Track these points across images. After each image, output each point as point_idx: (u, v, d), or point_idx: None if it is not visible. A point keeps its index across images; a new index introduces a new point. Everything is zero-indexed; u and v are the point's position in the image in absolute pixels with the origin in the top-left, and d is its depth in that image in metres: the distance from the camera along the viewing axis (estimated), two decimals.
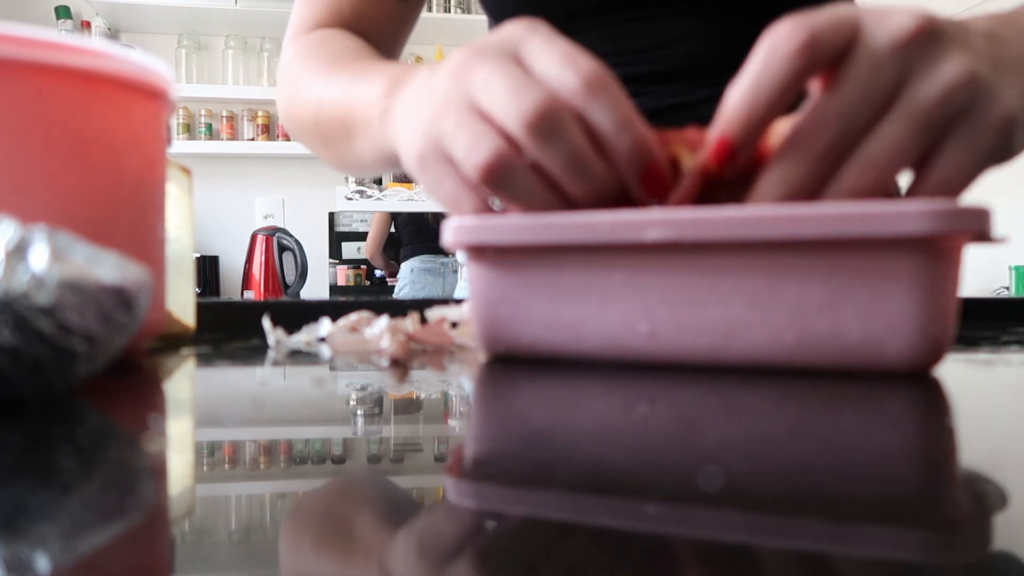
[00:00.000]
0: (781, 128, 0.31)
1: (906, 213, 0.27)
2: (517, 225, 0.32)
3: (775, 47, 0.29)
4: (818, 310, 0.30)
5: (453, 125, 0.32)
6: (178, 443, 0.23)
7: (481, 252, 0.34)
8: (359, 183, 2.59)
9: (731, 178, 0.31)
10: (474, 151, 0.31)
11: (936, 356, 0.30)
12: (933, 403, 0.27)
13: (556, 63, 0.31)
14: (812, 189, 0.30)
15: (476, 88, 0.32)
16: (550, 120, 0.30)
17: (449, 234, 0.33)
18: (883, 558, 0.13)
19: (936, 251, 0.28)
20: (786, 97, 0.29)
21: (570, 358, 0.34)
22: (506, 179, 0.31)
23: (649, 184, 0.31)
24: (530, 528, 0.15)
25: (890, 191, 0.30)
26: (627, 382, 0.30)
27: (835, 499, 0.16)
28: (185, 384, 0.34)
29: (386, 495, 0.18)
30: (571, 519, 0.15)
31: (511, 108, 0.30)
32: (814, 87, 0.31)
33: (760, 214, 0.29)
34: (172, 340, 0.45)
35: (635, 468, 0.19)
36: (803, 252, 0.29)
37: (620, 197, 0.32)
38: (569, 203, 0.32)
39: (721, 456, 0.19)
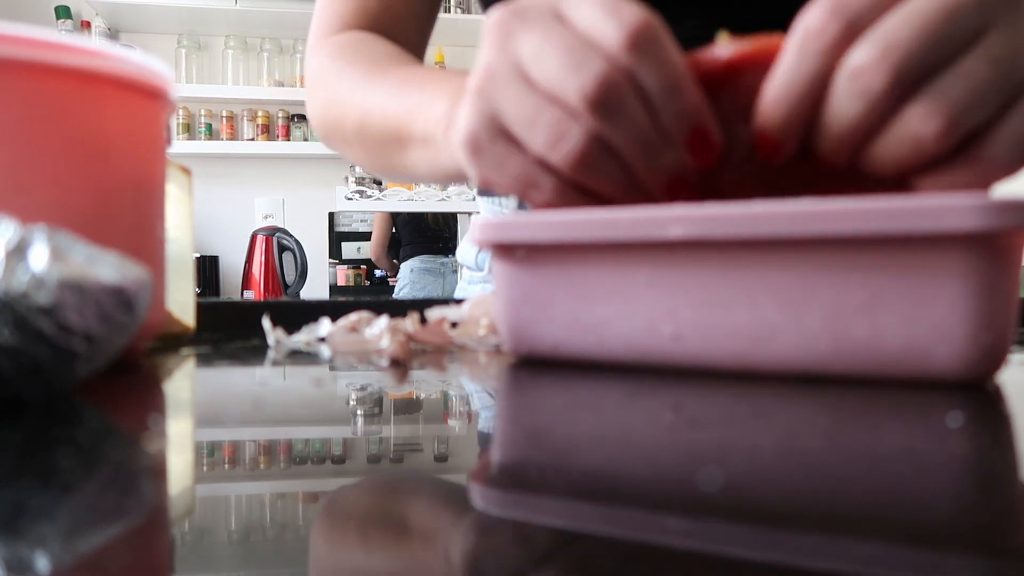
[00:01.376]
0: None
1: (956, 207, 0.25)
2: (537, 223, 0.31)
3: (808, 38, 0.28)
4: (855, 313, 0.27)
5: (509, 101, 0.31)
6: (178, 443, 0.23)
7: (505, 251, 0.33)
8: (359, 183, 2.59)
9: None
10: (540, 130, 0.30)
11: (992, 365, 0.27)
12: (987, 415, 0.25)
13: (599, 16, 0.29)
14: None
15: (525, 57, 0.30)
16: (614, 95, 0.28)
17: (477, 232, 0.32)
18: None
19: (991, 249, 0.26)
20: (824, 84, 0.28)
21: (593, 361, 0.32)
22: (588, 163, 0.29)
23: (695, 149, 0.30)
24: (552, 538, 0.15)
25: (952, 153, 0.27)
26: (651, 388, 0.29)
27: (876, 519, 0.15)
28: (185, 384, 0.34)
29: (412, 498, 0.18)
30: (591, 530, 0.15)
31: (569, 84, 0.29)
32: None
33: (792, 209, 0.27)
34: (172, 340, 0.45)
35: (658, 480, 0.18)
36: (840, 250, 0.27)
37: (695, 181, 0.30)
38: (642, 186, 0.30)
39: (751, 470, 0.19)
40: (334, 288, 2.86)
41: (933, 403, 0.25)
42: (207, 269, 2.75)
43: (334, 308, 0.50)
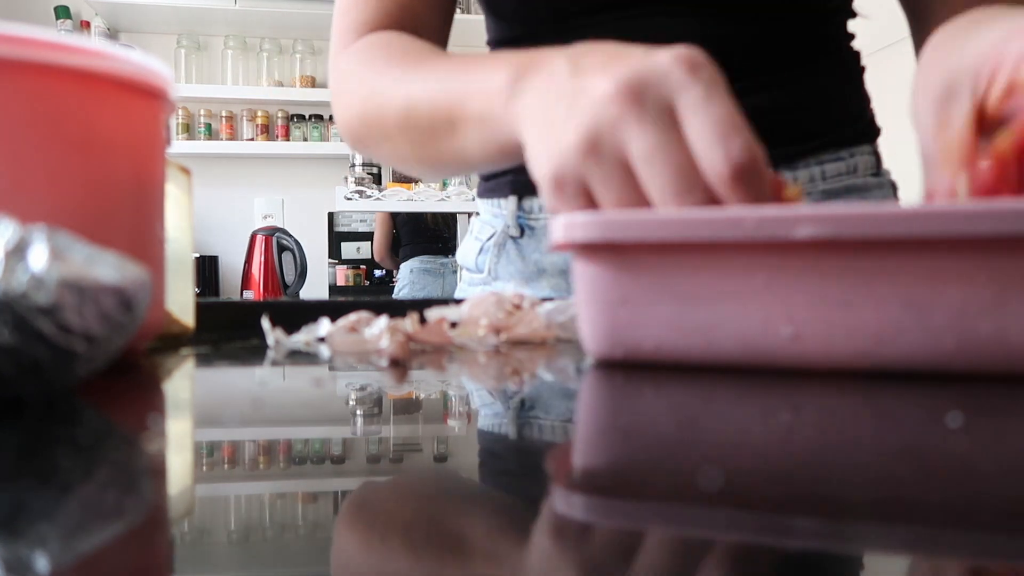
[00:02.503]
0: None
1: None
2: (648, 221, 0.30)
3: None
4: (981, 312, 0.28)
5: (604, 176, 0.34)
6: (177, 443, 0.23)
7: (596, 251, 0.32)
8: (358, 183, 2.59)
9: None
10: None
11: None
12: None
13: (711, 139, 0.32)
14: None
15: (632, 149, 0.33)
16: (694, 202, 0.32)
17: (561, 232, 0.32)
18: None
19: None
20: None
21: (700, 363, 0.32)
22: None
23: None
24: (659, 545, 0.15)
25: None
26: (764, 388, 0.28)
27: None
28: (184, 384, 0.34)
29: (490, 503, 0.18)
30: (713, 536, 0.15)
31: (669, 197, 0.32)
32: None
33: (918, 211, 0.28)
34: (171, 340, 0.45)
35: (782, 482, 0.18)
36: (963, 250, 0.28)
37: None
38: None
39: (878, 468, 0.18)
40: (333, 288, 2.87)
41: None
42: (206, 269, 2.75)
43: (334, 308, 0.50)
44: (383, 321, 0.42)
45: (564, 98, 0.36)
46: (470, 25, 2.83)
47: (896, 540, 0.14)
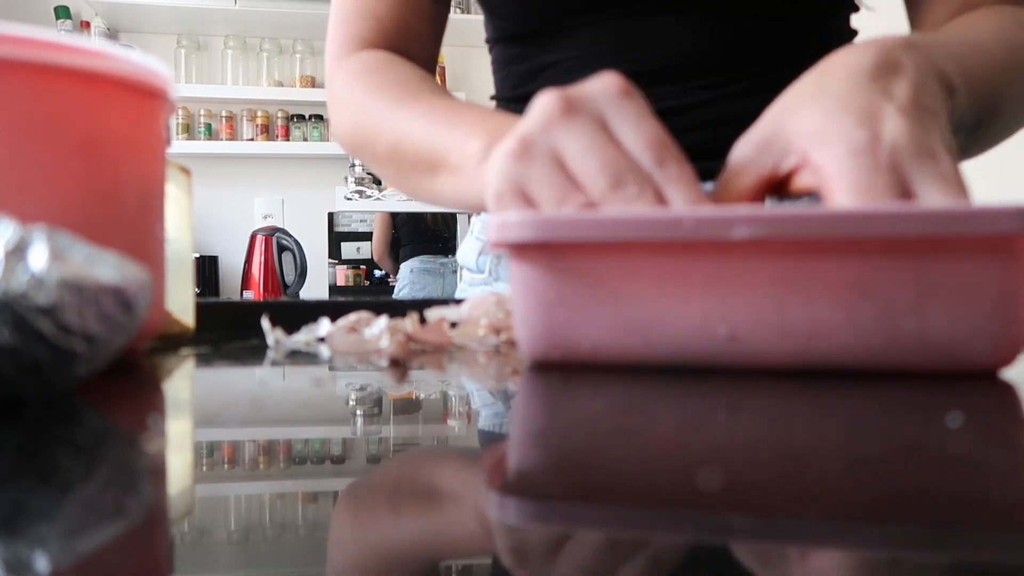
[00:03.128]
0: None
1: (998, 213, 0.27)
2: (582, 222, 0.30)
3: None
4: (906, 312, 0.29)
5: (540, 176, 0.35)
6: (177, 443, 0.23)
7: (531, 251, 0.32)
8: (358, 183, 2.59)
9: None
10: (560, 207, 0.34)
11: (1014, 355, 0.30)
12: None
13: (643, 148, 0.35)
14: None
15: (566, 150, 0.35)
16: (630, 193, 0.34)
17: (493, 232, 0.32)
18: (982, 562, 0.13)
19: (1020, 250, 0.29)
20: None
21: (637, 364, 0.32)
22: None
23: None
24: (590, 547, 0.15)
25: None
26: (701, 388, 0.29)
27: (941, 505, 0.16)
28: (184, 384, 0.34)
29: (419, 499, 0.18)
30: (644, 536, 0.15)
31: (603, 188, 0.34)
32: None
33: (850, 212, 0.29)
34: (171, 340, 0.45)
35: (716, 481, 0.18)
36: (893, 251, 0.29)
37: None
38: None
39: (811, 465, 0.19)
40: (333, 288, 2.87)
41: (968, 392, 0.27)
42: (206, 269, 2.75)
43: (333, 308, 0.50)
44: (383, 321, 0.42)
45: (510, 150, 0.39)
46: (470, 25, 2.84)
47: (828, 536, 0.14)
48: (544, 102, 0.36)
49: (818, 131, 0.35)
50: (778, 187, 0.37)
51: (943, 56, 0.39)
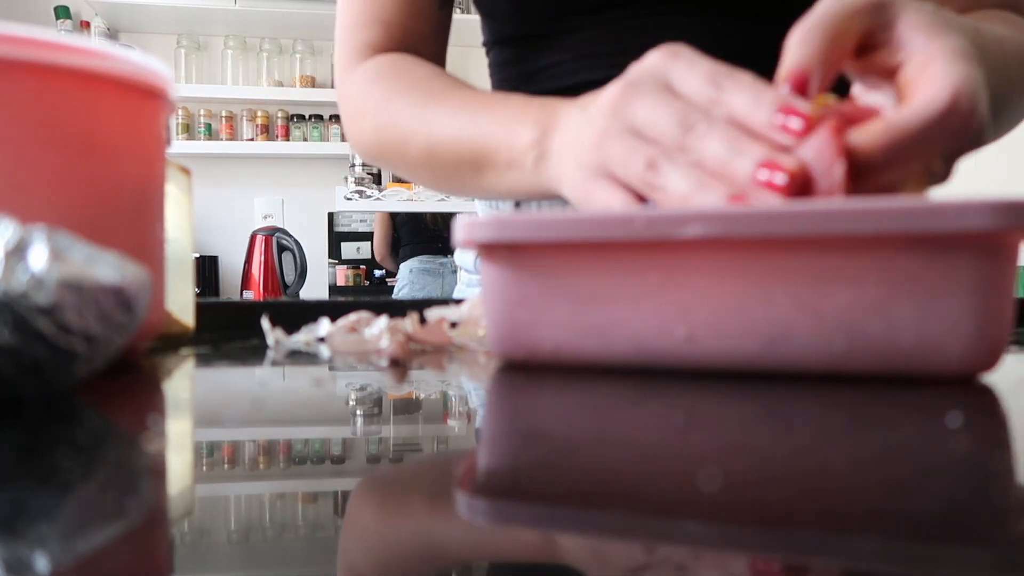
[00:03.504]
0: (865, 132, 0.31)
1: (968, 208, 0.26)
2: (541, 221, 0.30)
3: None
4: (870, 312, 0.28)
5: (623, 151, 0.36)
6: (177, 443, 0.23)
7: (495, 251, 0.32)
8: (358, 183, 2.59)
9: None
10: (637, 160, 0.35)
11: (993, 359, 0.28)
12: (992, 409, 0.26)
13: (706, 85, 0.35)
14: None
15: (637, 121, 0.36)
16: (701, 130, 0.34)
17: (462, 232, 0.32)
18: None
19: (995, 248, 0.27)
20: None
21: (597, 364, 0.32)
22: (665, 171, 0.35)
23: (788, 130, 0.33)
24: (550, 550, 0.15)
25: None
26: (660, 390, 0.28)
27: (894, 516, 0.15)
28: (184, 384, 0.34)
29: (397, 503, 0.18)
30: (602, 539, 0.15)
31: (671, 133, 0.35)
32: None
33: (809, 209, 0.27)
34: (171, 340, 0.45)
35: (672, 485, 0.18)
36: (855, 249, 0.28)
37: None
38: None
39: (767, 471, 0.19)
40: (333, 288, 2.86)
41: (939, 397, 0.26)
42: (206, 269, 2.74)
43: (333, 308, 0.50)
44: (383, 321, 0.42)
45: (582, 136, 0.40)
46: (469, 25, 2.84)
47: (787, 543, 0.14)
48: (608, 94, 0.38)
49: (933, 32, 0.34)
50: (856, 57, 0.36)
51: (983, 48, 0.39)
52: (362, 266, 2.91)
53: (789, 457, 0.20)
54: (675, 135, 0.35)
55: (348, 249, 2.93)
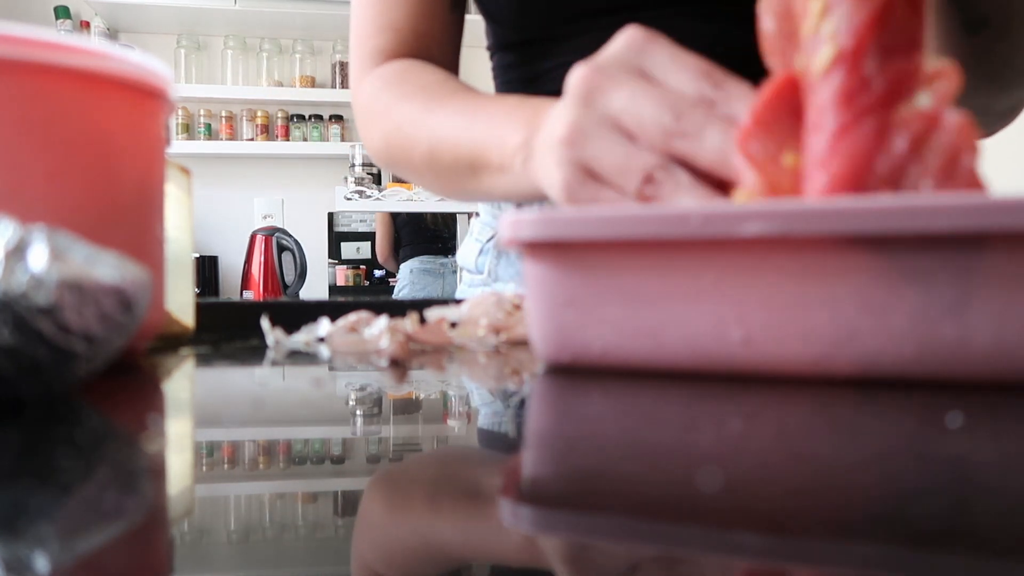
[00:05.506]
0: None
1: None
2: (590, 219, 0.29)
3: None
4: (944, 314, 0.26)
5: (598, 148, 0.34)
6: (177, 443, 0.23)
7: (542, 249, 0.31)
8: (358, 183, 2.59)
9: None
10: (633, 171, 0.33)
11: None
12: None
13: (690, 78, 0.33)
14: None
15: (614, 110, 0.34)
16: (695, 121, 0.32)
17: (507, 230, 0.30)
18: None
19: None
20: None
21: (647, 368, 0.30)
22: (666, 187, 0.33)
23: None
24: (602, 557, 0.15)
25: None
26: (716, 395, 0.27)
27: (986, 536, 0.14)
28: (184, 384, 0.34)
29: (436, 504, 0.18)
30: (658, 550, 0.14)
31: (661, 121, 0.33)
32: None
33: (876, 205, 0.25)
34: (171, 340, 0.45)
35: (731, 495, 0.17)
36: (927, 248, 0.26)
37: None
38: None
39: (833, 483, 0.18)
40: (333, 288, 2.87)
41: (1017, 403, 0.24)
42: (206, 269, 2.75)
43: (333, 308, 0.50)
44: (383, 321, 0.42)
45: (556, 129, 0.38)
46: (471, 26, 2.84)
47: (850, 557, 0.13)
48: (575, 78, 0.36)
49: None
50: None
51: None
52: (362, 266, 2.91)
53: (856, 467, 0.19)
54: (664, 123, 0.33)
55: (348, 249, 2.93)
